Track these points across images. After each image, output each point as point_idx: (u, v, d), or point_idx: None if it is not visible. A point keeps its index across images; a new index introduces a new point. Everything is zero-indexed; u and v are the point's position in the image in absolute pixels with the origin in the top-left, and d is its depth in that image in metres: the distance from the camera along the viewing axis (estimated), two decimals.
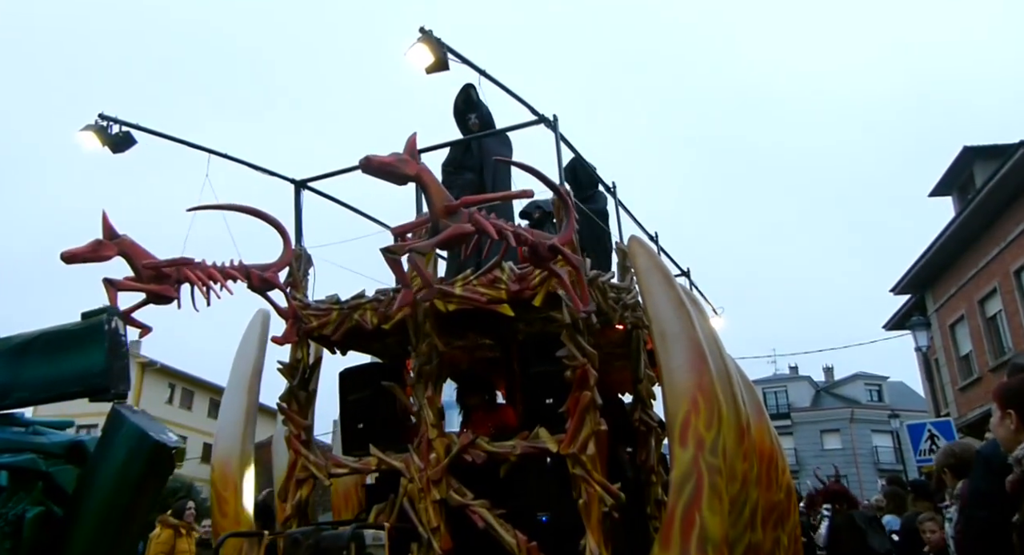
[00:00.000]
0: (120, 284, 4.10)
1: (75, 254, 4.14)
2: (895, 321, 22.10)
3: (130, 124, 4.92)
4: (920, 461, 11.40)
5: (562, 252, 3.92)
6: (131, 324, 4.31)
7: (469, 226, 3.82)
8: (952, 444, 4.34)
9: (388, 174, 3.75)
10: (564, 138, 4.73)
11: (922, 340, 15.47)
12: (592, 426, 4.09)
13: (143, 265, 4.12)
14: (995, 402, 2.59)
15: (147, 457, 2.99)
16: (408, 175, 3.81)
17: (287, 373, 5.03)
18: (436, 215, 3.84)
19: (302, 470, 4.76)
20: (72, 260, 4.11)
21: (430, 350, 4.59)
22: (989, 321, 17.20)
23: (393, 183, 3.86)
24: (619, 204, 5.77)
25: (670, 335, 4.18)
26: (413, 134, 3.92)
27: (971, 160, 17.40)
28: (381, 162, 3.69)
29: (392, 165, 3.74)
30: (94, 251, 4.15)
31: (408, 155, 3.86)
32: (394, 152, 3.83)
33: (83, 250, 4.16)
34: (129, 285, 4.16)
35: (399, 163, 3.79)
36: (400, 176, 3.80)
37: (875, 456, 38.71)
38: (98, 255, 4.16)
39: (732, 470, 4.19)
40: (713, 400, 4.02)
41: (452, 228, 3.79)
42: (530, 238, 3.92)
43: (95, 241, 4.16)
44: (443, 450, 4.40)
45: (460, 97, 5.85)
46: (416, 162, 3.90)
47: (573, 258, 4.00)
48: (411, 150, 3.89)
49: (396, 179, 3.83)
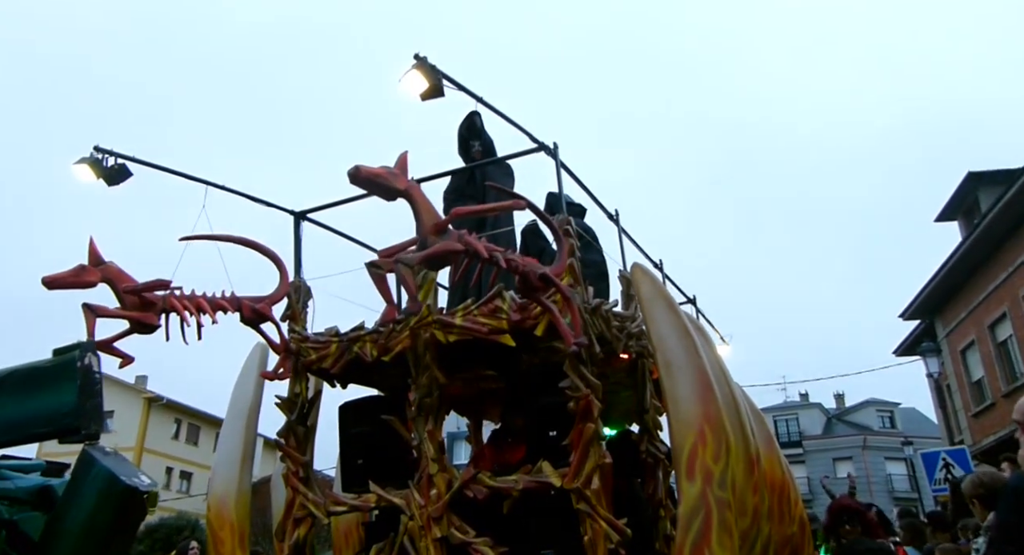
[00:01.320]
0: (100, 310, 3.99)
1: (57, 279, 3.97)
2: (905, 347, 21.87)
3: (125, 156, 4.91)
4: (936, 490, 11.15)
5: (554, 282, 3.84)
6: (113, 354, 4.20)
7: (457, 244, 3.75)
8: (980, 474, 4.16)
9: (377, 186, 3.69)
10: (565, 166, 4.70)
11: (933, 366, 15.28)
12: (596, 459, 3.98)
13: (123, 289, 4.01)
14: (1021, 431, 2.48)
15: (117, 502, 2.86)
16: (397, 189, 3.75)
17: (285, 408, 4.94)
18: (425, 232, 3.77)
19: (300, 508, 4.64)
20: (54, 285, 3.96)
21: (430, 382, 4.50)
22: (1000, 346, 16.98)
23: (381, 197, 3.80)
24: (622, 231, 5.71)
25: (675, 364, 4.09)
26: (404, 152, 3.87)
27: (975, 185, 17.37)
28: (370, 173, 3.63)
29: (381, 177, 3.68)
30: (77, 276, 4.00)
31: (399, 170, 3.82)
32: (384, 165, 3.78)
33: (65, 275, 3.99)
34: (109, 312, 4.05)
35: (389, 176, 3.74)
36: (389, 189, 3.74)
37: (889, 484, 38.01)
38: (81, 281, 4.01)
39: (742, 504, 4.06)
40: (720, 431, 3.91)
41: (441, 245, 3.71)
42: (521, 266, 3.84)
43: (78, 266, 4.01)
44: (444, 486, 4.29)
45: (464, 124, 5.84)
46: (406, 177, 3.85)
47: (564, 289, 3.92)
48: (402, 166, 3.85)
49: (385, 192, 3.76)
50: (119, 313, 4.10)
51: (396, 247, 3.96)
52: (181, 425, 34.83)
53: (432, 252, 3.70)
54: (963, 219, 18.44)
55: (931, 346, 16.18)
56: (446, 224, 3.82)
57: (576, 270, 4.38)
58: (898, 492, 35.86)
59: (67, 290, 3.95)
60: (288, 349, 4.78)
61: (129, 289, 4.02)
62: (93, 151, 4.85)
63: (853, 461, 39.49)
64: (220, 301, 4.35)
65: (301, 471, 4.76)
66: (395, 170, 3.79)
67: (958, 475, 10.26)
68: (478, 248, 3.75)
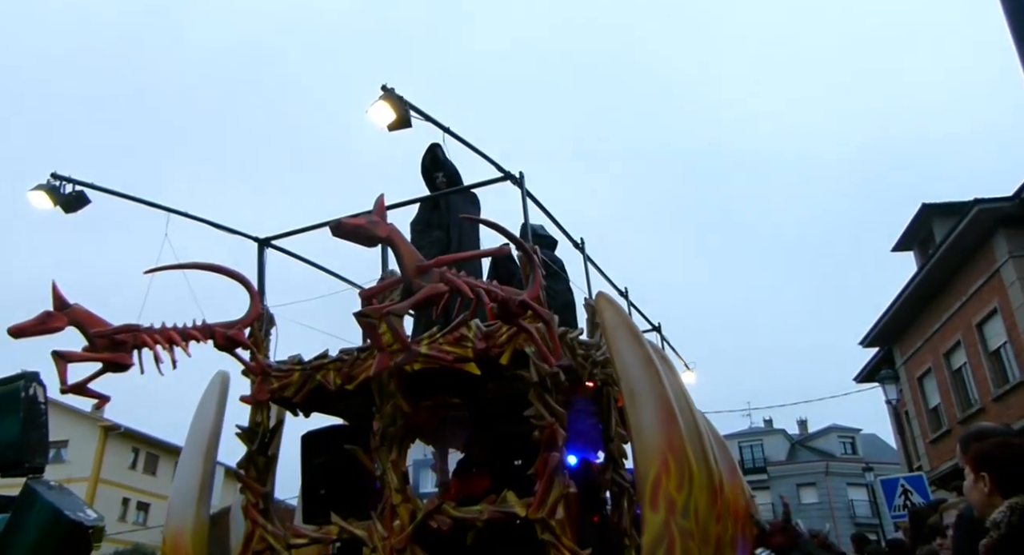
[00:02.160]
0: (70, 356, 3.92)
1: (23, 328, 3.92)
2: (865, 373, 22.27)
3: (83, 183, 4.82)
4: (895, 516, 11.31)
5: (532, 307, 3.88)
6: (88, 395, 4.14)
7: (443, 286, 3.78)
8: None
9: (359, 237, 3.70)
10: (531, 195, 4.75)
11: (891, 393, 15.57)
12: (561, 489, 3.97)
13: (93, 334, 3.95)
14: (967, 466, 2.56)
15: (61, 538, 2.75)
16: (379, 237, 3.76)
17: (245, 438, 4.85)
18: (409, 275, 3.78)
19: (259, 541, 4.54)
20: (21, 335, 3.89)
21: (394, 411, 4.47)
22: (955, 374, 17.39)
23: (363, 245, 3.81)
24: (587, 259, 5.77)
25: (639, 393, 4.11)
26: (381, 195, 3.89)
27: (930, 217, 17.88)
28: (353, 225, 3.64)
29: (364, 228, 3.69)
30: (43, 323, 3.95)
31: (378, 216, 3.83)
32: (364, 213, 3.79)
33: (31, 324, 3.95)
34: (81, 356, 3.98)
35: (370, 225, 3.74)
36: (371, 238, 3.75)
37: (851, 510, 38.43)
38: (48, 327, 3.95)
39: (705, 533, 4.07)
40: (684, 460, 3.93)
41: (427, 289, 3.73)
42: (500, 294, 3.88)
43: (44, 313, 3.96)
44: (408, 516, 4.23)
45: (427, 157, 5.87)
46: (386, 223, 3.87)
47: (543, 313, 3.96)
48: (380, 211, 3.86)
49: (367, 241, 3.78)
50: (90, 356, 4.03)
51: (377, 288, 3.97)
52: (139, 454, 33.79)
53: (420, 298, 3.72)
54: (918, 249, 18.96)
55: (890, 373, 16.48)
56: (429, 268, 3.84)
57: (542, 300, 4.40)
58: (860, 517, 36.25)
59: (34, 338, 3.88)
60: (265, 372, 4.70)
61: (99, 334, 3.97)
62: (50, 178, 4.76)
63: (816, 487, 39.89)
64: (191, 331, 4.28)
65: (261, 503, 4.66)
66: (375, 218, 3.81)
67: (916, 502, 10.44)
68: (461, 287, 3.79)
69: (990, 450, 2.59)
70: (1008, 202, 14.34)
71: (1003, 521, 2.22)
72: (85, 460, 31.40)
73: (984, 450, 2.60)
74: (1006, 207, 14.36)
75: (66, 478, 30.89)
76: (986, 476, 2.43)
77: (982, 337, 15.91)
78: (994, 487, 2.40)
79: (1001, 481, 2.42)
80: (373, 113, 4.83)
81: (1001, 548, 2.23)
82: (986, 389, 15.83)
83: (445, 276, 3.76)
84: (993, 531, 2.26)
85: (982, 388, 16.08)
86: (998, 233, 14.73)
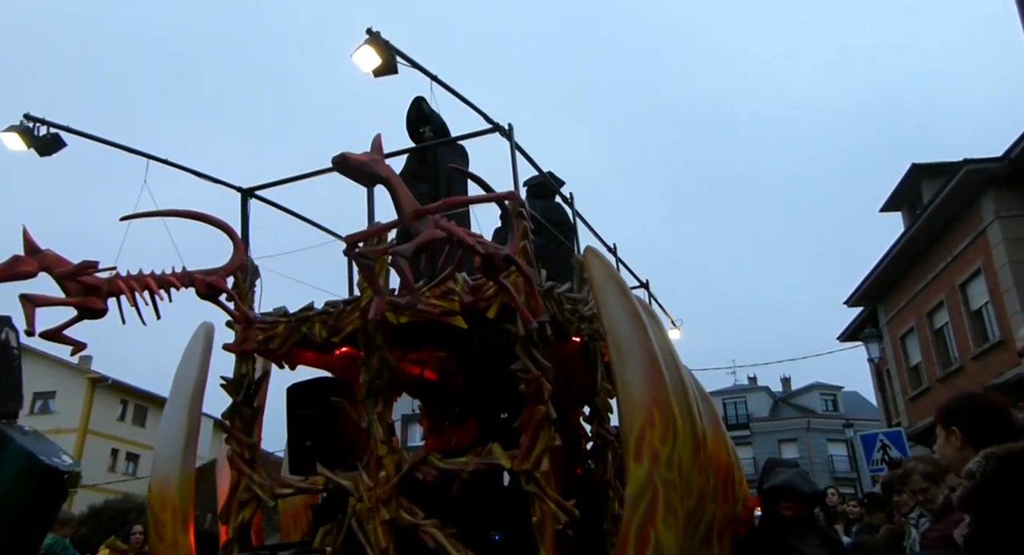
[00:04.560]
0: (38, 300, 3.82)
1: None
2: (849, 333, 22.54)
3: (58, 125, 4.67)
4: (873, 470, 11.56)
5: (516, 263, 3.83)
6: (64, 342, 4.06)
7: (440, 232, 3.70)
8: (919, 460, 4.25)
9: (360, 174, 3.59)
10: (520, 147, 4.66)
11: (874, 352, 15.79)
12: (546, 441, 3.99)
13: (57, 276, 3.84)
14: (938, 424, 2.55)
15: (35, 483, 2.72)
16: (380, 176, 3.65)
17: (230, 389, 4.83)
18: (406, 219, 3.68)
19: (245, 491, 4.56)
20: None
21: (381, 364, 4.45)
22: (937, 333, 17.62)
23: (361, 184, 3.70)
24: (576, 214, 5.71)
25: (625, 348, 4.11)
26: (378, 135, 3.77)
27: (919, 177, 17.87)
28: (357, 161, 3.52)
29: (367, 165, 3.57)
30: (11, 268, 3.79)
31: (377, 155, 3.73)
32: (365, 152, 3.68)
33: (0, 268, 3.77)
34: (50, 300, 3.88)
35: (373, 163, 3.63)
36: (372, 176, 3.63)
37: (831, 465, 39.36)
38: (17, 272, 3.82)
39: (688, 485, 4.12)
40: (668, 414, 3.96)
41: (428, 233, 3.65)
42: (486, 248, 3.82)
43: (13, 257, 3.80)
44: (393, 468, 4.26)
45: (412, 109, 5.73)
46: (385, 164, 3.77)
47: (525, 268, 3.91)
48: (379, 150, 3.76)
49: (366, 179, 3.67)
50: (59, 301, 3.92)
51: (362, 233, 3.85)
52: (127, 406, 33.93)
53: (423, 241, 3.63)
54: (907, 210, 18.99)
55: (873, 332, 16.69)
56: (427, 212, 3.76)
57: (529, 252, 4.36)
58: (839, 472, 37.17)
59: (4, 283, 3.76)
60: (248, 320, 4.64)
61: (61, 275, 3.84)
62: (23, 119, 4.60)
63: (798, 443, 40.78)
64: (169, 278, 4.16)
65: (246, 453, 4.67)
66: (375, 156, 3.70)
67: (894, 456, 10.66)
68: (459, 234, 3.72)
69: (957, 404, 2.61)
70: (997, 163, 14.32)
71: (978, 470, 2.21)
72: (73, 411, 31.54)
73: (952, 405, 2.61)
74: (995, 168, 14.34)
75: (55, 429, 31.10)
76: (956, 430, 2.44)
77: (965, 297, 16.08)
78: (965, 440, 2.41)
79: (972, 434, 2.42)
80: (358, 58, 4.68)
81: (975, 497, 2.24)
82: (966, 348, 16.06)
83: (441, 223, 3.69)
84: (967, 480, 2.26)
85: (962, 347, 16.32)
86: (986, 194, 14.74)
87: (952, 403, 2.62)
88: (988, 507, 2.17)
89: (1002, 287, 14.46)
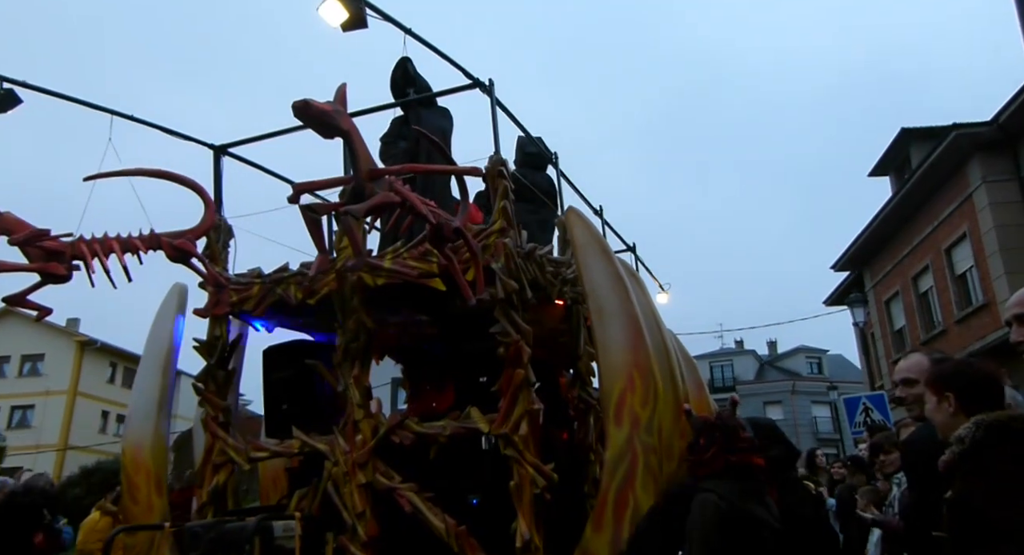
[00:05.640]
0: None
1: None
2: (835, 297, 22.64)
3: (14, 80, 4.44)
4: (855, 432, 11.67)
5: (464, 236, 3.68)
6: (28, 307, 3.93)
7: (395, 196, 3.56)
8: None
9: (321, 124, 3.41)
10: (501, 103, 4.49)
11: (859, 316, 15.86)
12: (525, 405, 3.93)
13: (11, 241, 3.68)
14: (929, 389, 2.50)
15: None
16: (341, 128, 3.48)
17: (204, 351, 4.72)
18: (361, 177, 3.53)
19: (219, 454, 4.49)
20: None
21: (357, 326, 4.35)
22: (921, 297, 17.71)
23: (321, 135, 3.52)
24: (560, 174, 5.57)
25: (607, 311, 4.03)
26: (343, 85, 3.59)
27: (908, 141, 17.75)
28: (320, 109, 3.33)
29: (329, 115, 3.40)
30: None
31: (340, 106, 3.56)
32: (328, 101, 3.50)
33: None
34: (8, 266, 3.73)
35: (335, 114, 3.46)
36: (333, 127, 3.46)
37: (815, 426, 40.00)
38: None
39: (669, 448, 4.09)
40: (649, 377, 3.89)
41: (382, 196, 3.51)
42: (437, 217, 3.66)
43: None
44: (370, 432, 4.19)
45: (397, 71, 5.51)
46: (348, 116, 3.60)
47: (473, 244, 3.77)
48: (342, 101, 3.58)
49: (327, 130, 3.49)
50: (19, 266, 3.77)
51: (315, 183, 3.68)
52: (116, 369, 33.90)
53: (376, 203, 3.48)
54: (895, 174, 18.92)
55: (859, 297, 16.74)
56: (383, 173, 3.60)
57: (509, 213, 4.24)
58: (822, 433, 37.79)
59: None
60: (218, 283, 4.50)
61: (15, 242, 3.69)
62: None
63: (783, 405, 41.35)
64: (135, 241, 3.99)
65: (221, 416, 4.59)
66: (339, 107, 3.51)
67: (876, 419, 10.76)
68: (411, 199, 3.57)
69: (952, 370, 2.58)
70: (986, 127, 14.22)
71: (967, 436, 2.18)
72: (62, 374, 31.55)
73: (946, 370, 2.58)
74: (984, 132, 14.25)
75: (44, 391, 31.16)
76: (951, 396, 2.41)
77: (950, 261, 16.12)
78: (959, 407, 2.38)
79: (965, 400, 2.40)
80: (324, 11, 4.45)
81: (962, 463, 2.20)
82: (950, 312, 16.16)
83: (395, 186, 3.54)
84: (956, 446, 2.22)
85: (946, 311, 16.42)
86: (974, 158, 14.67)
87: (947, 369, 2.60)
88: (974, 473, 2.15)
89: (987, 251, 14.49)
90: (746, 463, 2.95)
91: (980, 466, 2.12)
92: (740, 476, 2.94)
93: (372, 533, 4.00)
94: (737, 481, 2.92)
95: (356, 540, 3.97)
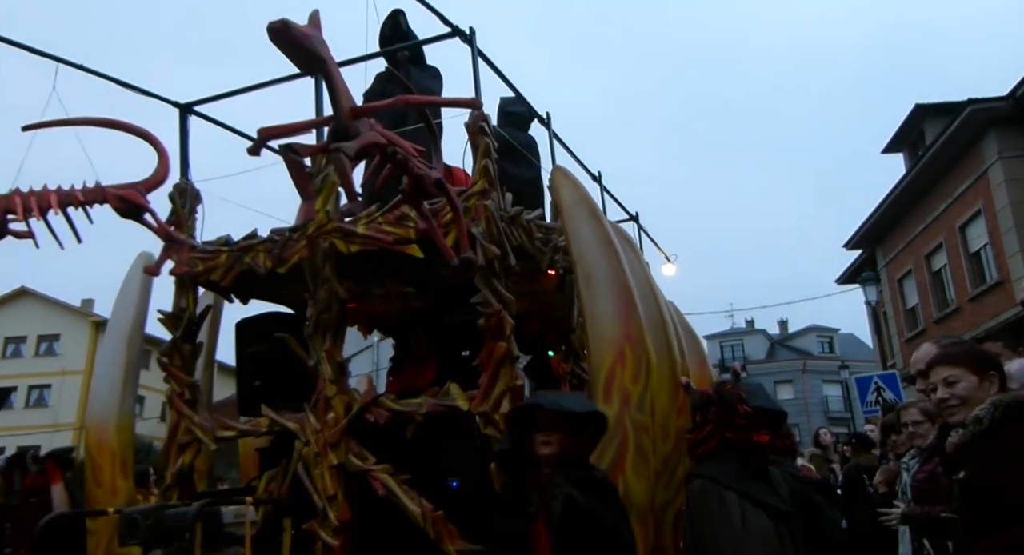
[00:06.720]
0: None
1: None
2: (847, 275, 22.24)
3: None
4: (867, 412, 11.40)
5: (446, 191, 3.33)
6: None
7: (380, 137, 3.18)
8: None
9: (299, 50, 2.97)
10: (483, 54, 4.13)
11: (871, 294, 15.50)
12: (507, 381, 3.62)
13: None
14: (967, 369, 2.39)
15: None
16: (320, 56, 3.07)
17: (169, 323, 4.44)
18: (343, 115, 3.13)
19: (185, 433, 4.21)
20: None
21: (329, 297, 4.04)
22: (935, 275, 17.31)
23: (299, 65, 3.09)
24: (553, 135, 5.22)
25: (595, 278, 3.70)
26: (316, 11, 3.17)
27: (922, 118, 17.26)
28: (300, 33, 2.89)
29: (309, 39, 2.97)
30: None
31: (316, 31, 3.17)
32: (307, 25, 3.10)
33: None
34: None
35: (315, 40, 3.05)
36: (311, 55, 3.03)
37: (825, 405, 39.70)
38: None
39: (665, 427, 3.79)
40: (641, 351, 3.58)
41: (370, 135, 3.12)
42: (421, 169, 3.30)
43: None
44: (343, 409, 3.90)
45: (387, 24, 5.14)
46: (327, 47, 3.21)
47: (455, 200, 3.43)
48: (316, 26, 3.18)
49: (306, 58, 3.05)
50: None
51: (285, 127, 3.27)
52: None
53: (365, 143, 3.09)
54: (908, 151, 18.44)
55: (871, 275, 16.37)
56: (368, 110, 3.23)
57: (491, 173, 3.90)
58: (833, 412, 37.49)
59: None
60: (172, 237, 4.16)
61: None
62: None
63: (793, 384, 41.05)
64: (76, 193, 3.64)
65: (187, 393, 4.31)
66: (316, 33, 3.10)
67: (888, 398, 10.45)
68: (403, 145, 3.21)
69: (985, 351, 2.58)
70: (1002, 102, 13.77)
71: (985, 417, 2.12)
72: (78, 354, 31.72)
73: (979, 351, 2.57)
74: (1000, 107, 13.82)
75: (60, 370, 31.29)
76: (995, 375, 2.37)
77: (964, 239, 15.72)
78: (1001, 387, 2.35)
79: (1003, 381, 2.37)
80: None
81: (977, 443, 2.14)
82: (963, 290, 15.77)
83: (378, 128, 3.18)
84: (973, 426, 2.16)
85: (959, 289, 16.03)
86: (989, 134, 14.23)
87: (986, 350, 2.62)
88: (991, 454, 2.11)
89: (1002, 228, 14.08)
90: (746, 440, 2.67)
91: (997, 447, 2.09)
92: (739, 455, 2.66)
93: (344, 518, 3.72)
94: (736, 461, 2.66)
95: (327, 525, 3.70)
